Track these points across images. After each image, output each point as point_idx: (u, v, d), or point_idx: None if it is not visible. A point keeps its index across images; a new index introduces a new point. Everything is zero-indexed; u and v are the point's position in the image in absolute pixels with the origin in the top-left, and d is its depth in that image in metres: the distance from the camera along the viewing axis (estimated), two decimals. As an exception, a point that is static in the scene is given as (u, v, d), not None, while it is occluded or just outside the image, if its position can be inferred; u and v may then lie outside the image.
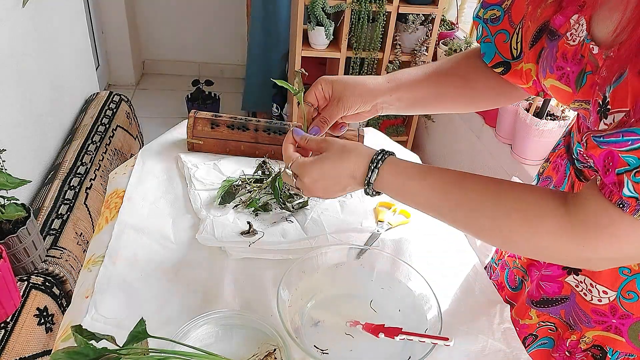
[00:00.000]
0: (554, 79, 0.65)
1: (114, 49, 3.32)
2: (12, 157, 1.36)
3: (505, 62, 0.75)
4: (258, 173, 1.02)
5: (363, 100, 0.78)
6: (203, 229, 0.86)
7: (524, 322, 0.80)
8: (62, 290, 1.26)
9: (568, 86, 0.63)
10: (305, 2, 2.27)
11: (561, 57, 0.63)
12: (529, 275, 0.80)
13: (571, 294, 0.73)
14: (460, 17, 2.68)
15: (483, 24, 0.76)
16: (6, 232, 1.13)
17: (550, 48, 0.65)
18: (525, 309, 0.79)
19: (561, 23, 0.64)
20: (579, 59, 0.60)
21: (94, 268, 0.81)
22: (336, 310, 0.75)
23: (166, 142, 1.12)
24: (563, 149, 0.76)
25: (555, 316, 0.76)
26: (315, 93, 0.79)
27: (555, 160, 0.78)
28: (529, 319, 0.79)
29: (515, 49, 0.73)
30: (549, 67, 0.65)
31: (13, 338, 1.07)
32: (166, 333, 0.66)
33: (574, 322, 0.74)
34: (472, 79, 0.80)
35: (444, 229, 0.97)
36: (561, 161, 0.75)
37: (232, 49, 3.60)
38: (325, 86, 0.79)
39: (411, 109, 0.83)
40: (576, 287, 0.72)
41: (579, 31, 0.60)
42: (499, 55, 0.75)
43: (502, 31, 0.74)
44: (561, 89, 0.64)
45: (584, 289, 0.71)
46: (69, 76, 1.91)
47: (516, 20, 0.72)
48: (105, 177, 1.70)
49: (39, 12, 1.63)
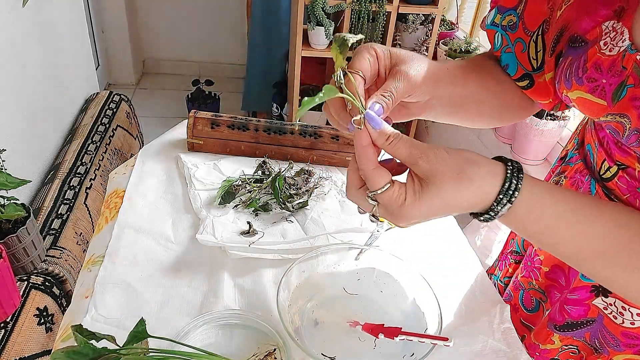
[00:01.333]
0: (583, 91, 0.57)
1: (114, 49, 3.32)
2: (12, 157, 1.36)
3: (528, 75, 0.66)
4: (258, 173, 1.02)
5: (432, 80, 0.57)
6: (203, 229, 0.86)
7: (544, 347, 0.74)
8: (62, 290, 1.26)
9: (602, 99, 0.55)
10: (305, 2, 2.27)
11: (593, 68, 0.55)
12: (548, 296, 0.74)
13: (598, 317, 0.67)
14: (460, 17, 2.68)
15: (502, 31, 0.67)
16: (6, 231, 1.13)
17: (575, 56, 0.58)
18: (546, 333, 0.73)
19: (588, 29, 0.56)
20: (618, 70, 0.53)
21: (94, 268, 0.81)
22: (336, 310, 0.75)
23: (166, 142, 1.12)
24: (581, 164, 0.69)
25: (579, 339, 0.71)
26: (368, 59, 0.55)
27: (573, 176, 0.70)
28: (550, 343, 0.73)
29: (535, 59, 0.64)
30: (575, 78, 0.57)
31: (13, 338, 1.07)
32: (166, 333, 0.66)
33: (600, 346, 0.68)
34: (504, 88, 0.68)
35: (444, 229, 0.97)
36: (582, 177, 0.68)
37: (232, 49, 3.60)
38: (381, 53, 0.56)
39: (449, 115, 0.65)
40: (604, 310, 0.66)
41: (617, 40, 0.53)
42: (521, 67, 0.66)
43: (519, 40, 0.65)
44: (592, 102, 0.57)
45: (614, 312, 0.65)
46: (69, 76, 1.91)
47: (530, 26, 0.63)
48: (105, 177, 1.70)
49: (39, 12, 1.63)
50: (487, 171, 0.49)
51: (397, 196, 0.49)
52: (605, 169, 0.64)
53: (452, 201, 0.48)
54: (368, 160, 0.50)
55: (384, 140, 0.50)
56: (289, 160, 1.06)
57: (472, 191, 0.48)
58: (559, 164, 0.77)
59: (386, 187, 0.49)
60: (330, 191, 1.01)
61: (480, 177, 0.48)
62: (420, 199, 0.48)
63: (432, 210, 0.49)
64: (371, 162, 0.50)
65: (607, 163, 0.63)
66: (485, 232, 1.74)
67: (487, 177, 0.48)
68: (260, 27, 2.83)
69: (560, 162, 0.77)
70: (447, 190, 0.48)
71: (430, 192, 0.48)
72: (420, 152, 0.49)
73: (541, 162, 1.88)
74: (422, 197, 0.48)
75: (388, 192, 0.49)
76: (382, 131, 0.50)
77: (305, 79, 2.66)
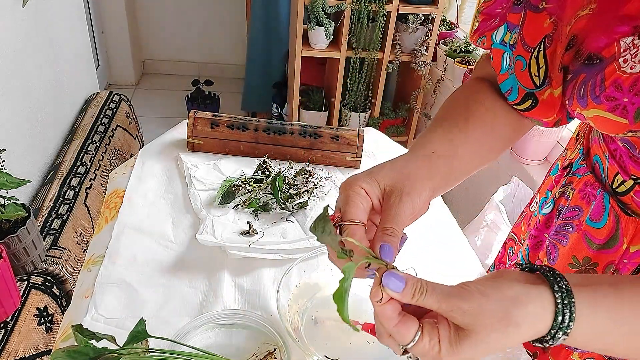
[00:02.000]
0: (602, 110, 0.54)
1: (114, 49, 3.32)
2: (12, 157, 1.36)
3: (531, 94, 0.61)
4: (258, 173, 1.02)
5: (430, 189, 0.54)
6: (203, 229, 0.86)
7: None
8: (62, 290, 1.26)
9: (624, 118, 0.52)
10: (305, 2, 2.27)
11: (613, 86, 0.52)
12: None
13: None
14: (460, 17, 2.68)
15: (509, 50, 0.62)
16: (6, 231, 1.13)
17: (588, 74, 0.55)
18: (566, 353, 0.69)
19: (604, 45, 0.53)
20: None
21: (94, 268, 0.81)
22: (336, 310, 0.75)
23: (166, 142, 1.12)
24: (591, 176, 0.66)
25: None
26: (360, 203, 0.51)
27: (583, 189, 0.67)
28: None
29: (537, 76, 0.60)
30: (592, 97, 0.54)
31: (13, 338, 1.07)
32: (166, 333, 0.66)
33: None
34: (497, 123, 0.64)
35: (444, 229, 0.97)
36: (593, 191, 0.65)
37: (232, 49, 3.60)
38: (368, 187, 0.52)
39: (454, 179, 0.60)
40: None
41: (638, 57, 0.50)
42: (522, 87, 0.62)
43: (519, 57, 0.61)
44: (612, 120, 0.54)
45: None
46: (69, 76, 1.91)
47: (531, 42, 0.60)
48: (105, 177, 1.70)
49: (39, 12, 1.63)
50: (534, 309, 0.43)
51: (430, 348, 0.44)
52: (619, 182, 0.61)
53: (500, 346, 0.44)
54: (388, 319, 0.46)
55: (409, 299, 0.45)
56: (288, 160, 1.06)
57: (522, 334, 0.43)
58: (562, 174, 0.75)
59: (416, 338, 0.45)
60: (330, 191, 1.01)
61: (529, 318, 0.43)
62: (458, 348, 0.44)
63: (476, 356, 0.44)
64: (392, 320, 0.45)
65: (620, 176, 0.61)
66: (485, 232, 1.74)
67: (537, 316, 0.43)
68: (260, 27, 2.83)
69: (564, 172, 0.74)
70: (493, 340, 0.43)
71: (471, 341, 0.43)
72: (451, 305, 0.43)
73: (541, 162, 1.88)
74: (461, 346, 0.44)
75: (419, 345, 0.44)
76: (405, 293, 0.45)
77: (305, 79, 2.66)
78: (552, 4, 0.57)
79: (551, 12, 0.57)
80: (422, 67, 2.48)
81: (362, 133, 1.10)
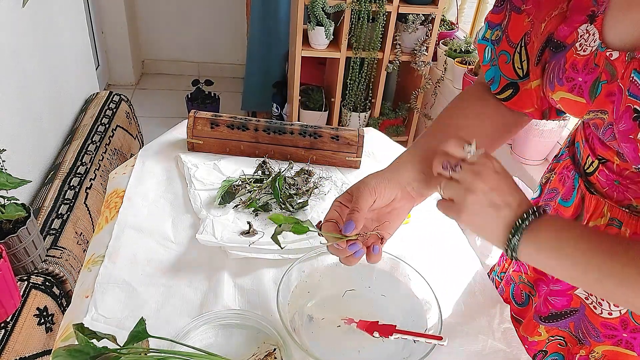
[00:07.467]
0: (564, 91, 0.63)
1: (114, 49, 3.32)
2: (12, 157, 1.36)
3: (513, 83, 0.71)
4: (258, 173, 1.02)
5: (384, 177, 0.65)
6: (203, 229, 0.86)
7: (533, 339, 0.77)
8: (62, 290, 1.26)
9: (581, 97, 0.61)
10: (305, 2, 2.27)
11: (571, 68, 0.61)
12: (536, 290, 0.77)
13: (581, 307, 0.71)
14: (460, 17, 2.68)
15: (491, 45, 0.72)
16: (6, 231, 1.13)
17: (556, 60, 0.63)
18: (533, 325, 0.77)
19: (566, 34, 0.62)
20: (592, 68, 0.59)
21: (94, 268, 0.81)
22: (336, 310, 0.75)
23: (166, 142, 1.12)
24: (569, 160, 0.73)
25: (565, 329, 0.74)
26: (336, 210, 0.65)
27: (561, 172, 0.75)
28: (538, 335, 0.77)
29: (520, 68, 0.69)
30: (557, 80, 0.63)
31: (13, 338, 1.07)
32: (166, 333, 0.66)
33: (582, 336, 0.71)
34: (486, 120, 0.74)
35: (444, 228, 0.97)
36: (568, 173, 0.73)
37: (232, 49, 3.60)
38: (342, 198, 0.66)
39: None
40: (586, 300, 0.70)
41: (589, 40, 0.59)
42: (505, 77, 0.71)
43: (503, 52, 0.71)
44: (573, 101, 0.62)
45: (594, 302, 0.69)
46: (69, 76, 1.91)
47: (514, 38, 0.69)
48: (105, 177, 1.70)
49: (39, 12, 1.63)
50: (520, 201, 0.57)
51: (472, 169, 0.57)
52: (589, 164, 0.68)
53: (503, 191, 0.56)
54: None
55: None
56: (289, 160, 1.06)
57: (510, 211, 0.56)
58: (551, 162, 0.81)
59: None
60: (330, 191, 1.01)
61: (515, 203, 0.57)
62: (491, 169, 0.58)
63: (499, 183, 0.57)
64: None
65: (590, 158, 0.67)
66: (485, 232, 1.73)
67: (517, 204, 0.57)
68: (260, 27, 2.83)
69: (554, 160, 0.80)
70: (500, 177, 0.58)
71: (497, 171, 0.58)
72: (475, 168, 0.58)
73: (541, 162, 1.88)
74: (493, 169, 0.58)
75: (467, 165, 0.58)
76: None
77: (305, 79, 2.66)
78: (530, 5, 0.66)
79: (529, 12, 0.67)
80: (422, 67, 2.48)
81: (362, 133, 1.10)
